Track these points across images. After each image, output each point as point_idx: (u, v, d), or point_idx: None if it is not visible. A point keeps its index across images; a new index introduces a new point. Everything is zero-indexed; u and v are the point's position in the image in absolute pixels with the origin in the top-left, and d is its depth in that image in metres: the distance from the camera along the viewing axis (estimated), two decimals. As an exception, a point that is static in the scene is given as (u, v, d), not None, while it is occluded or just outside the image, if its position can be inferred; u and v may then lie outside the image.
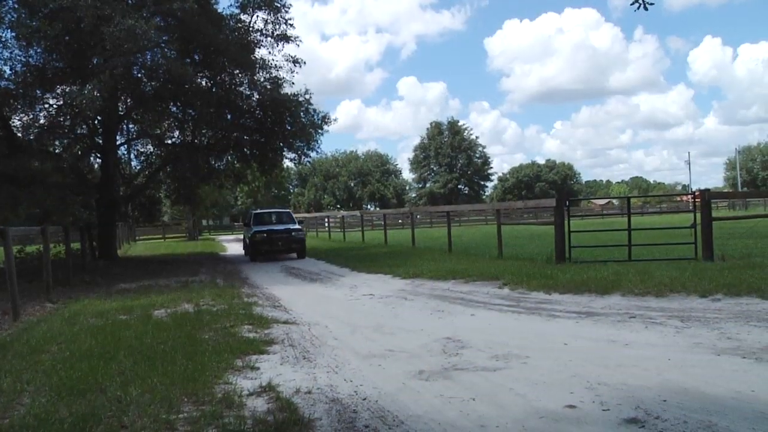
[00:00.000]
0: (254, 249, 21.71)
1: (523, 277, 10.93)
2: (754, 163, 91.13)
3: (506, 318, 8.34)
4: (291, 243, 21.84)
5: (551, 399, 4.77)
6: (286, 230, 22.13)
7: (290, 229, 22.25)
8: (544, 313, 8.47)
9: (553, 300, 9.36)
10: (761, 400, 4.50)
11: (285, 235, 21.81)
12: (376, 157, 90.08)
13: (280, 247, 21.73)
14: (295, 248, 22.05)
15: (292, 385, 5.43)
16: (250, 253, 22.23)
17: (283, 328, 8.23)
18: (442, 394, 5.06)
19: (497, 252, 15.39)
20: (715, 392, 4.73)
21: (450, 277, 12.32)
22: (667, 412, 4.32)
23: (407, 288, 11.80)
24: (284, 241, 21.73)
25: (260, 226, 22.54)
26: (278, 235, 21.75)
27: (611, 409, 4.45)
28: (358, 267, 16.23)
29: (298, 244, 21.98)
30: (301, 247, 22.07)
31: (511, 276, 11.30)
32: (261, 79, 23.23)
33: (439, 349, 6.67)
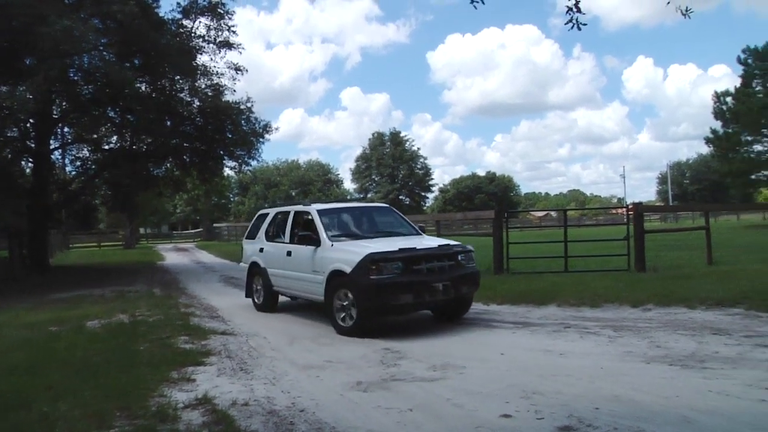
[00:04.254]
0: (374, 302, 8.01)
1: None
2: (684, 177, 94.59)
3: (444, 328, 8.41)
4: (461, 283, 8.50)
5: (488, 409, 4.84)
6: (445, 250, 8.68)
7: (448, 246, 8.81)
8: (482, 323, 8.59)
9: (491, 311, 9.51)
10: (685, 405, 4.68)
11: (448, 264, 8.52)
12: (318, 166, 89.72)
13: (442, 294, 8.22)
14: (467, 294, 8.85)
15: (228, 397, 5.36)
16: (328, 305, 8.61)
17: (221, 339, 8.11)
18: (380, 404, 5.07)
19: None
20: (645, 399, 4.89)
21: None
22: (599, 419, 4.44)
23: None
24: (451, 278, 8.35)
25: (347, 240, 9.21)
26: (435, 264, 8.40)
27: (545, 418, 4.55)
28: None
29: (473, 282, 8.87)
30: (474, 288, 9.04)
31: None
32: (202, 85, 22.89)
33: (378, 359, 6.69)
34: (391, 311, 8.51)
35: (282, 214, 10.93)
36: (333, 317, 8.43)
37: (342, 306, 8.30)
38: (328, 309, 8.53)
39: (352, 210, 10.73)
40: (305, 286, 9.38)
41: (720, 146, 43.99)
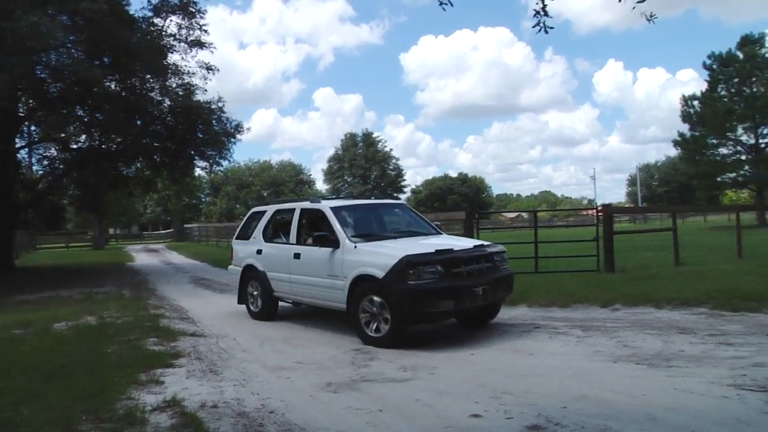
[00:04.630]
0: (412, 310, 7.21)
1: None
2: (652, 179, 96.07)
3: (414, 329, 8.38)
4: (498, 286, 7.99)
5: (457, 409, 4.86)
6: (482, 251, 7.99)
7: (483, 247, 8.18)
8: (452, 324, 8.61)
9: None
10: (651, 403, 4.76)
11: (485, 266, 7.89)
12: (291, 167, 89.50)
13: (481, 299, 7.58)
14: (503, 298, 8.54)
15: (197, 399, 5.31)
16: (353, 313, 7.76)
17: (191, 341, 8.04)
18: (350, 405, 5.07)
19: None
20: (612, 398, 4.96)
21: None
22: (566, 418, 4.49)
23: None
24: (489, 281, 7.73)
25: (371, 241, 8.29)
26: (474, 267, 7.72)
27: (514, 417, 4.59)
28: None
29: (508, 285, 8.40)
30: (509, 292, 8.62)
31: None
32: (173, 85, 22.70)
33: (349, 360, 6.70)
34: (430, 319, 7.81)
35: (284, 212, 9.94)
36: (359, 327, 7.60)
37: (371, 315, 7.48)
38: (353, 318, 7.68)
39: (367, 207, 9.63)
40: (318, 292, 8.49)
41: (687, 149, 44.80)
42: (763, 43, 42.60)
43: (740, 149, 43.82)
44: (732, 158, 43.79)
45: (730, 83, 43.34)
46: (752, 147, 43.00)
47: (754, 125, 42.24)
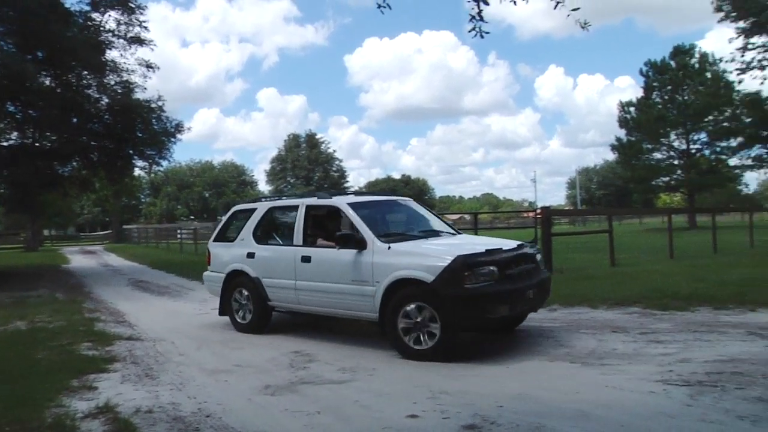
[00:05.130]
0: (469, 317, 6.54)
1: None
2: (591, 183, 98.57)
3: (355, 330, 8.40)
4: (542, 289, 7.51)
5: (395, 410, 4.89)
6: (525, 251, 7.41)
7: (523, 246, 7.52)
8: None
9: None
10: (584, 400, 4.89)
11: (532, 267, 7.42)
12: (233, 167, 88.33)
13: (529, 301, 7.18)
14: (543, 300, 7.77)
15: (132, 405, 5.20)
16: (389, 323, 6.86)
17: (127, 345, 7.85)
18: (288, 408, 5.05)
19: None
20: (546, 396, 5.08)
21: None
22: (502, 417, 4.57)
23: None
24: (535, 284, 7.24)
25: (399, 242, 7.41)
26: (524, 268, 7.20)
27: (451, 417, 4.64)
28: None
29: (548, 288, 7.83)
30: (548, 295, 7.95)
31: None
32: (111, 82, 22.04)
33: (287, 363, 6.67)
34: (485, 327, 7.20)
35: (282, 210, 8.99)
36: (397, 339, 6.74)
37: (415, 324, 6.63)
38: (390, 329, 6.80)
39: (382, 204, 8.72)
40: (337, 300, 7.50)
41: (624, 153, 46.19)
42: (693, 54, 44.28)
43: (673, 154, 45.42)
44: (665, 163, 45.40)
45: (664, 91, 44.92)
46: (684, 152, 44.59)
47: (685, 131, 43.82)
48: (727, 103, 36.80)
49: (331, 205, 8.15)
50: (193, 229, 35.39)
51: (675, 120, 43.32)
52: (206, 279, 9.68)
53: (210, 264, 9.52)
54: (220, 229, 9.75)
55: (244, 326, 8.73)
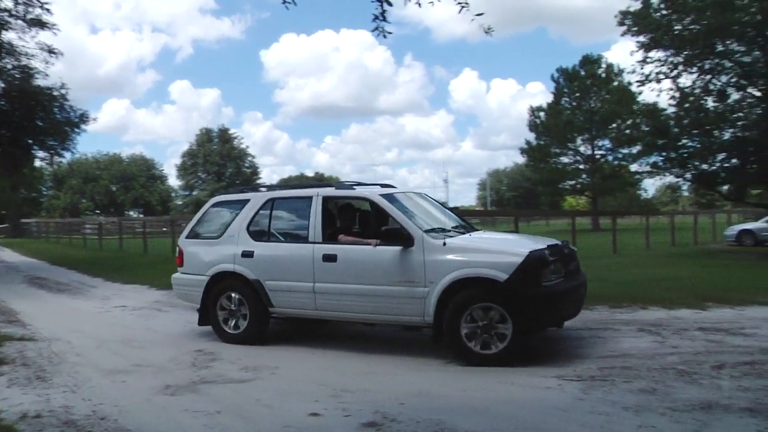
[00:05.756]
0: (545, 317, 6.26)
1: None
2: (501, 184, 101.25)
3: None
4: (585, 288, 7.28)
5: (297, 408, 4.87)
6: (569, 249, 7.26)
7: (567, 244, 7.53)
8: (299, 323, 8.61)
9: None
10: (484, 397, 5.06)
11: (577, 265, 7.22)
12: (142, 161, 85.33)
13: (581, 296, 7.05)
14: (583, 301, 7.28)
15: (18, 410, 4.93)
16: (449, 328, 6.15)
17: (18, 346, 7.43)
18: (188, 408, 4.94)
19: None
20: (447, 392, 5.20)
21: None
22: (403, 414, 4.62)
23: (164, 299, 11.29)
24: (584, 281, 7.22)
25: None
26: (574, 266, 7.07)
27: (352, 415, 4.66)
28: (113, 277, 15.16)
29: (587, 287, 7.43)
30: None
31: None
32: (8, 66, 20.86)
33: (190, 361, 6.51)
34: (554, 326, 6.63)
35: (286, 201, 7.80)
36: (460, 343, 6.11)
37: (482, 327, 6.06)
38: (452, 332, 6.12)
39: (406, 197, 7.71)
40: (377, 304, 6.66)
41: (533, 156, 47.70)
42: (600, 64, 46.27)
43: (579, 159, 47.28)
44: (572, 167, 47.21)
45: (573, 97, 46.70)
46: (589, 157, 46.50)
47: (591, 137, 45.72)
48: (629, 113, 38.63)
49: (359, 196, 7.43)
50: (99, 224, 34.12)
51: (582, 126, 45.13)
52: (177, 283, 8.23)
53: (182, 265, 8.11)
54: (195, 223, 8.30)
55: (236, 336, 7.45)
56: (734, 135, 18.42)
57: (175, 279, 8.25)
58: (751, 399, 4.72)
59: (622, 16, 19.00)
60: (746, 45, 17.57)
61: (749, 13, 16.30)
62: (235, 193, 8.43)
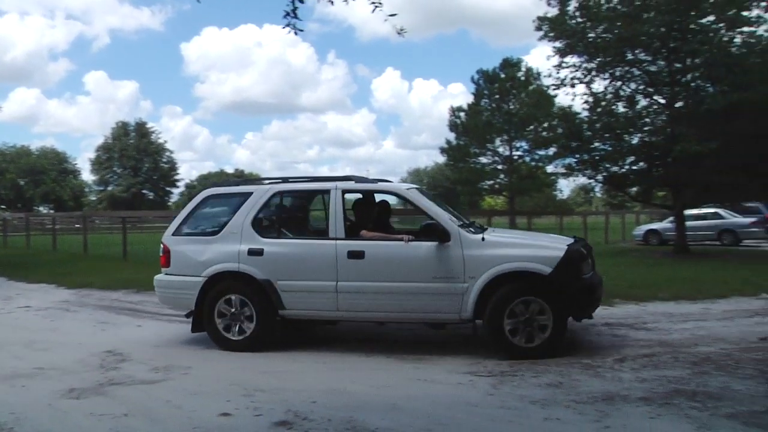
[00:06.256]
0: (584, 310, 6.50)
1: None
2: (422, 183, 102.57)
3: (174, 329, 8.12)
4: None
5: (208, 409, 4.78)
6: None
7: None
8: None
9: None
10: (396, 393, 5.11)
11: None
12: (53, 154, 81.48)
13: None
14: None
15: None
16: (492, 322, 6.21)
17: None
18: (93, 412, 4.75)
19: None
20: (359, 390, 5.24)
21: (121, 286, 11.70)
22: (315, 412, 4.61)
23: (72, 299, 10.86)
24: None
25: None
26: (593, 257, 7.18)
27: (264, 414, 4.62)
28: (16, 276, 14.37)
29: None
30: None
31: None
32: None
33: (97, 363, 6.27)
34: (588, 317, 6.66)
35: (298, 195, 7.62)
36: (502, 338, 6.15)
37: (524, 320, 6.14)
38: (494, 327, 6.15)
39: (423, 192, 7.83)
40: (410, 302, 6.45)
41: (452, 156, 48.39)
42: (520, 67, 47.44)
43: (497, 159, 48.24)
44: (490, 167, 48.15)
45: (492, 99, 47.61)
46: (507, 158, 47.55)
47: (509, 139, 46.78)
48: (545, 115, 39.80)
49: (384, 190, 7.29)
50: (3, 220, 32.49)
51: (500, 127, 46.07)
52: (162, 286, 7.40)
53: (168, 265, 7.28)
54: (184, 219, 7.45)
55: (240, 344, 6.81)
56: (642, 140, 19.23)
57: (160, 281, 7.40)
58: (647, 389, 4.98)
59: (540, 21, 19.48)
60: (652, 55, 18.37)
61: (654, 25, 17.05)
62: (230, 185, 7.72)
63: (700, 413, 4.39)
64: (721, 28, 17.07)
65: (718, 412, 4.40)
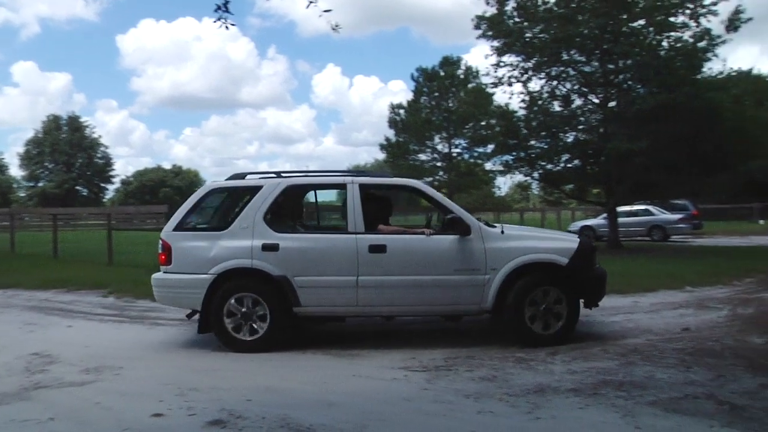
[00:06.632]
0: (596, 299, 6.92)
1: (132, 285, 10.57)
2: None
3: (106, 328, 7.95)
4: None
5: (139, 410, 4.68)
6: None
7: None
8: (148, 321, 8.33)
9: (159, 307, 9.05)
10: (331, 390, 5.12)
11: None
12: (-21, 148, 78.56)
13: None
14: None
15: None
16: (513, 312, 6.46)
17: None
18: (15, 418, 4.55)
19: (107, 258, 14.56)
20: (295, 387, 5.22)
21: (51, 286, 11.31)
22: (249, 410, 4.57)
23: (-4, 299, 10.44)
24: None
25: None
26: None
27: (197, 414, 4.54)
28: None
29: None
30: None
31: (119, 284, 10.88)
32: None
33: (23, 367, 6.01)
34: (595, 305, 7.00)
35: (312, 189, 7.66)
36: (524, 327, 6.41)
37: (543, 309, 6.45)
38: (516, 316, 6.38)
39: None
40: (432, 294, 6.56)
41: (392, 153, 48.62)
42: (459, 65, 48.01)
43: (437, 156, 48.76)
44: (430, 164, 48.63)
45: (432, 97, 48.06)
46: (446, 155, 48.11)
47: (448, 136, 47.33)
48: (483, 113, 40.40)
49: (401, 185, 7.49)
50: None
51: (440, 125, 46.60)
52: (163, 285, 6.91)
53: (170, 263, 6.79)
54: (186, 213, 6.98)
55: (254, 344, 6.53)
56: (576, 138, 19.75)
57: (159, 280, 6.92)
58: (577, 380, 5.14)
59: (478, 20, 19.74)
60: (586, 56, 18.91)
61: (589, 27, 17.54)
62: (236, 179, 7.25)
63: (626, 402, 4.55)
64: (651, 32, 17.72)
65: (642, 400, 4.58)
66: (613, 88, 19.01)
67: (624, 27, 17.83)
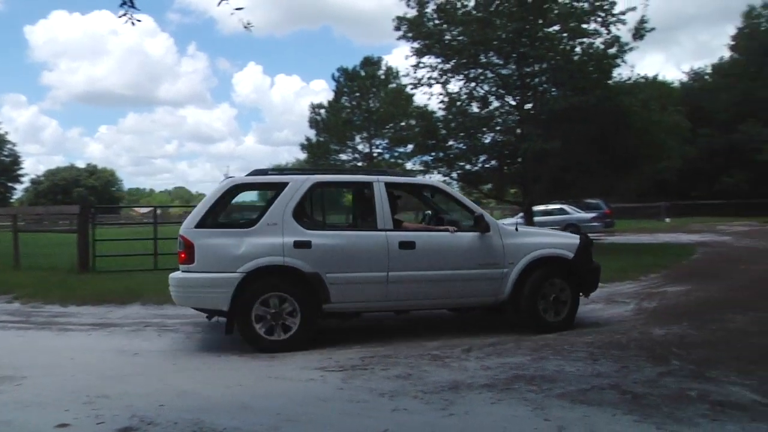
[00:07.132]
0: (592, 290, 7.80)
1: (40, 290, 10.12)
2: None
3: (9, 335, 7.55)
4: None
5: (43, 420, 4.44)
6: None
7: None
8: (56, 327, 7.95)
9: (69, 312, 8.87)
10: (246, 392, 5.03)
11: None
12: None
13: None
14: None
15: None
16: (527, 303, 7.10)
17: None
18: None
19: (13, 262, 13.87)
20: (210, 391, 5.08)
21: (-52, 292, 10.60)
22: (161, 416, 4.42)
23: None
24: None
25: None
26: None
27: (106, 422, 4.36)
28: None
29: None
30: None
31: (26, 288, 10.34)
32: None
33: None
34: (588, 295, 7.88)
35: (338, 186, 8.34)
36: (537, 316, 7.10)
37: (553, 299, 7.18)
38: (530, 307, 7.05)
39: None
40: (457, 288, 6.98)
41: (313, 153, 48.42)
42: (380, 66, 48.29)
43: (357, 156, 48.88)
44: (350, 164, 48.65)
45: (353, 97, 48.16)
46: (367, 155, 48.29)
47: (369, 136, 47.54)
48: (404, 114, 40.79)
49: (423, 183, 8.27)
50: None
51: (360, 125, 46.76)
52: (185, 285, 6.58)
53: (193, 262, 6.46)
54: (208, 209, 6.69)
55: (285, 344, 6.42)
56: (494, 139, 20.19)
57: (180, 280, 6.59)
58: (491, 376, 5.24)
59: (399, 21, 19.86)
60: (504, 59, 19.37)
61: (506, 30, 17.98)
62: (258, 175, 7.19)
63: (536, 395, 4.67)
64: (565, 38, 18.34)
65: (552, 393, 4.71)
66: (529, 90, 19.54)
67: (539, 32, 18.36)
